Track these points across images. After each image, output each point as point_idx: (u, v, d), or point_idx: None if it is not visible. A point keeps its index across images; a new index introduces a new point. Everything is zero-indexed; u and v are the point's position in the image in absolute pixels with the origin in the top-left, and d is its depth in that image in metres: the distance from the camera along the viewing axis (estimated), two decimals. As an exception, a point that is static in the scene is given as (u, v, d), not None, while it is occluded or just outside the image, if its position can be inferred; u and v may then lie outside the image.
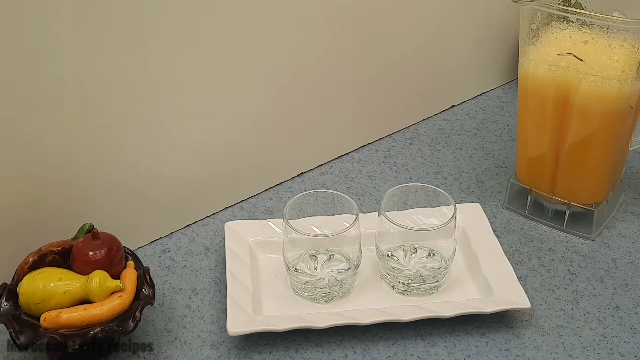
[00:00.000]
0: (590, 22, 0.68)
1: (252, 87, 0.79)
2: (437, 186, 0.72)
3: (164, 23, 0.68)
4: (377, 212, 0.71)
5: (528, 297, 0.68)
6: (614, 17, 0.67)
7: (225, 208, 0.84)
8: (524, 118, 0.77)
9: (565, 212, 0.78)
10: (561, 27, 0.70)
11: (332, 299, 0.70)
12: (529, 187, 0.80)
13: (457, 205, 0.70)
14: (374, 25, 0.86)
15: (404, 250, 0.72)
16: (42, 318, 0.60)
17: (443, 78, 1.00)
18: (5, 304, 0.61)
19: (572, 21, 0.70)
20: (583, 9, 0.72)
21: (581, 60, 0.69)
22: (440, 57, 0.98)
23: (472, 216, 0.78)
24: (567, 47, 0.70)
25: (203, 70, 0.74)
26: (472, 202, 0.81)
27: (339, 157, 0.92)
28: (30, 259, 0.64)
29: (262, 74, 0.79)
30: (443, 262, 0.70)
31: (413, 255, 0.71)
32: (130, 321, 0.61)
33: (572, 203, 0.77)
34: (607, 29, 0.68)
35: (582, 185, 0.77)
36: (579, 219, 0.78)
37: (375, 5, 0.85)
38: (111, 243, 0.65)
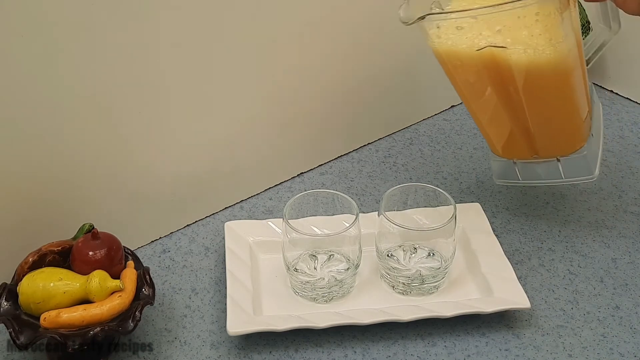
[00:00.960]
0: (490, 12, 0.62)
1: (252, 87, 0.79)
2: (437, 186, 0.72)
3: (165, 23, 0.68)
4: (377, 212, 0.71)
5: (528, 297, 0.68)
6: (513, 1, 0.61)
7: (225, 208, 0.84)
8: (470, 108, 0.74)
9: (558, 166, 0.75)
10: (468, 27, 0.65)
11: (332, 299, 0.70)
12: (511, 159, 0.77)
13: (457, 205, 0.70)
14: (375, 24, 0.86)
15: (404, 250, 0.72)
16: (42, 318, 0.60)
17: (443, 78, 1.00)
18: (5, 304, 0.61)
19: (475, 18, 0.63)
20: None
21: (503, 47, 0.64)
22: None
23: (472, 216, 0.78)
24: (483, 42, 0.64)
25: (203, 70, 0.74)
26: (472, 202, 0.81)
27: (339, 157, 0.92)
28: (30, 259, 0.64)
29: (262, 74, 0.79)
30: (443, 262, 0.70)
31: (413, 255, 0.71)
32: (130, 321, 0.61)
33: (560, 157, 0.75)
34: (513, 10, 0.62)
35: (561, 140, 0.74)
36: (574, 165, 0.74)
37: (378, 8, 0.85)
38: (111, 243, 0.65)
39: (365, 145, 0.94)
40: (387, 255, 0.71)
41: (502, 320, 0.69)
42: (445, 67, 0.69)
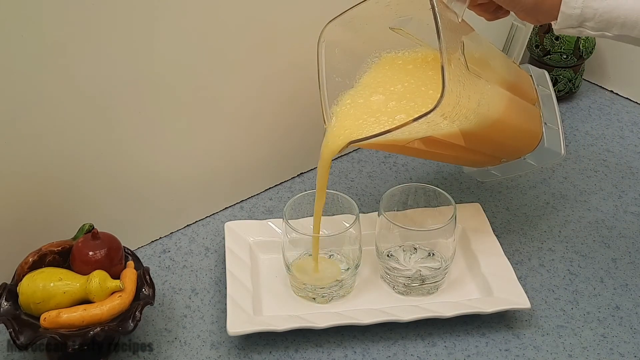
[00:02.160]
0: (401, 130, 0.61)
1: (253, 87, 0.79)
2: (437, 186, 0.72)
3: (165, 23, 0.68)
4: (377, 212, 0.71)
5: (528, 297, 0.68)
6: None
7: (225, 208, 0.84)
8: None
9: (526, 161, 0.76)
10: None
11: (332, 299, 0.70)
12: (484, 168, 0.80)
13: (457, 205, 0.70)
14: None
15: (404, 250, 0.72)
16: (42, 318, 0.60)
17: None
18: (5, 304, 0.61)
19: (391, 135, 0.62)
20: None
21: (430, 136, 0.64)
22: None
23: (472, 216, 0.77)
24: (412, 137, 0.65)
25: (203, 71, 0.74)
26: (472, 202, 0.81)
27: (339, 157, 0.92)
28: (30, 259, 0.64)
29: (262, 74, 0.79)
30: (443, 262, 0.70)
31: (413, 255, 0.71)
32: (130, 321, 0.61)
33: (525, 155, 0.76)
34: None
35: (520, 149, 0.75)
36: (541, 155, 0.75)
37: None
38: (111, 243, 0.65)
39: (365, 145, 0.94)
40: (387, 255, 0.71)
41: (502, 320, 0.69)
42: (385, 150, 0.70)
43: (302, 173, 0.89)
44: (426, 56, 0.70)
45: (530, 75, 0.77)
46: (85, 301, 0.62)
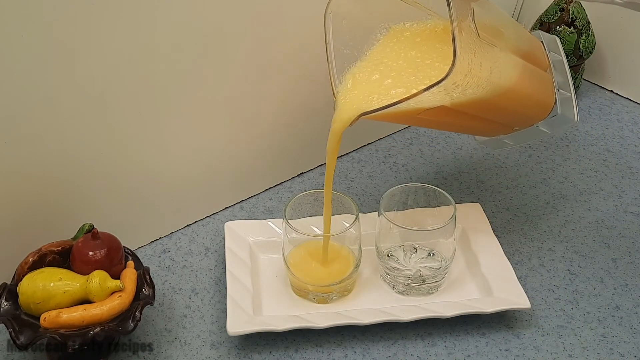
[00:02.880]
0: (414, 100, 0.60)
1: (253, 86, 0.79)
2: (437, 186, 0.72)
3: (165, 23, 0.68)
4: (377, 212, 0.71)
5: (528, 297, 0.68)
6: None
7: (225, 208, 0.84)
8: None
9: (539, 129, 0.75)
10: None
11: (332, 299, 0.70)
12: (496, 137, 0.78)
13: (457, 205, 0.70)
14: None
15: (404, 250, 0.72)
16: (42, 318, 0.60)
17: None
18: (5, 304, 0.61)
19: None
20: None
21: (441, 105, 0.63)
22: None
23: (472, 216, 0.78)
24: (421, 108, 0.63)
25: (203, 70, 0.74)
26: (472, 202, 0.81)
27: (339, 157, 0.92)
28: (30, 259, 0.64)
29: (262, 74, 0.79)
30: (443, 262, 0.70)
31: (413, 255, 0.71)
32: (130, 321, 0.61)
33: (538, 123, 0.75)
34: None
35: (533, 116, 0.74)
36: (555, 122, 0.74)
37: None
38: (111, 243, 0.65)
39: (365, 145, 0.94)
40: (387, 255, 0.71)
41: (502, 320, 0.69)
42: (395, 121, 0.69)
43: (302, 173, 0.89)
44: (435, 27, 0.69)
45: (542, 42, 0.76)
46: (85, 301, 0.62)
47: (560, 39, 0.76)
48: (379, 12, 0.69)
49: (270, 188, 0.87)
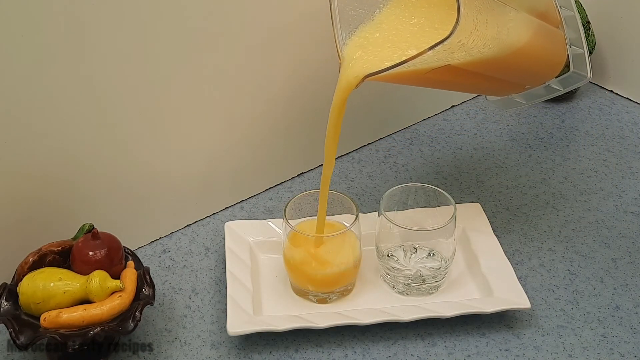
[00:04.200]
0: (420, 59, 0.59)
1: (252, 87, 0.79)
2: (437, 186, 0.72)
3: (165, 23, 0.68)
4: (377, 212, 0.71)
5: (528, 297, 0.68)
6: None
7: (225, 208, 0.84)
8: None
9: (551, 86, 0.74)
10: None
11: (332, 299, 0.70)
12: (508, 96, 0.77)
13: (457, 205, 0.70)
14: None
15: (404, 250, 0.72)
16: (42, 318, 0.60)
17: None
18: (5, 304, 0.61)
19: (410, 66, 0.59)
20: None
21: (447, 64, 0.61)
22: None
23: (472, 216, 0.77)
24: (427, 68, 0.62)
25: (203, 70, 0.74)
26: (472, 202, 0.81)
27: (339, 157, 0.92)
28: (30, 259, 0.64)
29: (262, 73, 0.79)
30: (443, 262, 0.70)
31: (413, 255, 0.71)
32: (130, 321, 0.61)
33: (550, 81, 0.74)
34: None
35: (545, 74, 0.73)
36: (567, 79, 0.74)
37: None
38: (111, 243, 0.65)
39: (365, 145, 0.94)
40: (387, 255, 0.71)
41: (502, 320, 0.69)
42: (401, 83, 0.68)
43: (302, 173, 0.89)
44: None
45: None
46: (85, 301, 0.62)
47: None
48: None
49: (270, 188, 0.87)
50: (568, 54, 0.72)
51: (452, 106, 1.03)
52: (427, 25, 0.65)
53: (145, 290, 0.64)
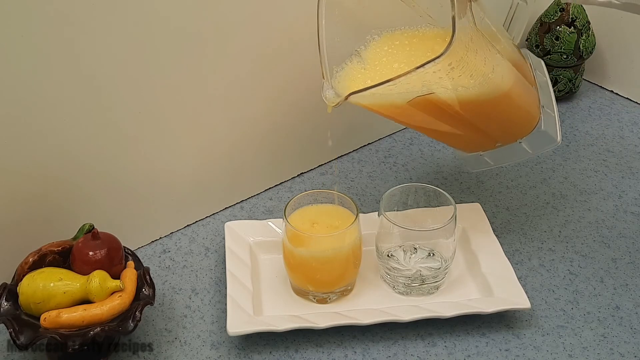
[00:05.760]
0: (406, 78, 0.59)
1: (252, 87, 0.79)
2: (437, 186, 0.72)
3: (165, 24, 0.68)
4: (377, 212, 0.71)
5: (528, 297, 0.68)
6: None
7: (225, 208, 0.84)
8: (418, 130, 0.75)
9: (522, 146, 0.74)
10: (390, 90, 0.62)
11: (332, 299, 0.70)
12: (477, 152, 0.78)
13: (457, 205, 0.70)
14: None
15: (404, 250, 0.72)
16: (42, 318, 0.60)
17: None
18: (5, 304, 0.61)
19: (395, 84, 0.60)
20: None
21: (431, 93, 0.62)
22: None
23: (472, 216, 0.78)
24: (411, 95, 0.63)
25: (203, 71, 0.74)
26: (472, 202, 0.81)
27: (339, 157, 0.92)
28: (30, 259, 0.64)
29: (262, 74, 0.79)
30: (443, 262, 0.70)
31: (413, 255, 0.71)
32: (130, 321, 0.61)
33: (521, 139, 0.74)
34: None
35: (517, 129, 0.73)
36: (537, 140, 0.74)
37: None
38: (111, 243, 0.65)
39: (365, 145, 0.95)
40: (387, 255, 0.71)
41: (502, 320, 0.69)
42: (382, 115, 0.70)
43: (302, 173, 0.89)
44: (425, 33, 0.69)
45: (529, 60, 0.76)
46: (86, 301, 0.62)
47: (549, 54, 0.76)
48: (372, 7, 0.70)
49: (270, 188, 0.87)
50: (541, 113, 0.73)
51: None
52: (416, 59, 0.66)
53: (145, 290, 0.64)
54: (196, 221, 0.81)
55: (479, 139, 0.75)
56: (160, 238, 0.79)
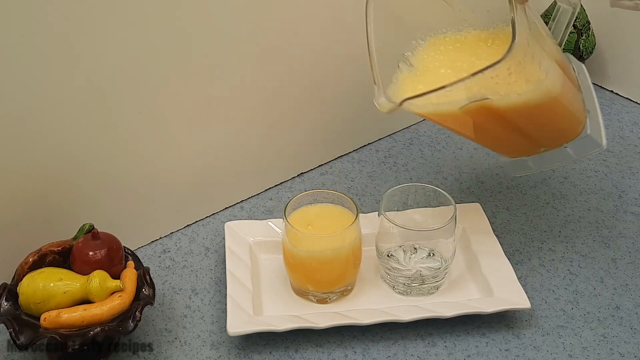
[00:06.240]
0: (463, 83, 0.60)
1: (252, 87, 0.79)
2: (437, 186, 0.72)
3: (165, 24, 0.68)
4: (377, 212, 0.71)
5: (528, 297, 0.68)
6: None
7: (225, 208, 0.84)
8: (466, 137, 0.76)
9: (567, 151, 0.74)
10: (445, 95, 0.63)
11: (332, 299, 0.70)
12: (521, 157, 0.78)
13: (457, 205, 0.70)
14: (375, 23, 0.86)
15: (404, 250, 0.72)
16: (42, 318, 0.60)
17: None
18: (5, 304, 0.61)
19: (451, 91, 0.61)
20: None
21: (486, 99, 0.63)
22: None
23: (472, 216, 0.77)
24: (464, 101, 0.63)
25: (203, 71, 0.74)
26: (472, 202, 0.81)
27: (339, 157, 0.92)
28: (30, 259, 0.64)
29: (261, 74, 0.79)
30: (443, 262, 0.70)
31: (413, 255, 0.71)
32: (130, 321, 0.61)
33: (566, 144, 0.74)
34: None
35: (563, 134, 0.73)
36: (582, 145, 0.74)
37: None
38: (111, 243, 0.65)
39: (365, 145, 0.95)
40: (387, 255, 0.71)
41: (502, 320, 0.69)
42: (432, 120, 0.70)
43: (302, 173, 0.89)
44: (467, 37, 0.70)
45: (571, 63, 0.76)
46: (86, 301, 0.62)
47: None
48: (415, 11, 0.70)
49: (270, 188, 0.87)
50: (586, 118, 0.73)
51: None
52: (462, 65, 0.67)
53: (145, 290, 0.64)
54: (196, 221, 0.81)
55: (525, 144, 0.75)
56: (160, 238, 0.79)
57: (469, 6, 0.68)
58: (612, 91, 1.05)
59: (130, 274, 0.64)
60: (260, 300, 0.69)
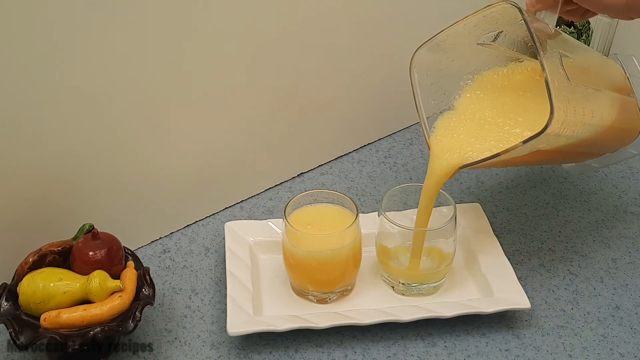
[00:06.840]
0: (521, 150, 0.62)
1: (252, 87, 0.79)
2: (437, 186, 0.72)
3: (165, 24, 0.68)
4: (377, 212, 0.71)
5: (528, 297, 0.68)
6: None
7: (225, 208, 0.84)
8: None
9: (626, 150, 0.76)
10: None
11: (332, 299, 0.70)
12: (584, 162, 0.79)
13: (457, 205, 0.70)
14: (375, 24, 0.86)
15: (404, 250, 0.71)
16: (42, 318, 0.60)
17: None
18: (5, 304, 0.61)
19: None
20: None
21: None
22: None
23: (472, 216, 0.78)
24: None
25: (203, 71, 0.74)
26: (472, 202, 0.81)
27: (339, 157, 0.92)
28: (30, 259, 0.64)
29: (262, 74, 0.79)
30: (443, 262, 0.70)
31: (413, 255, 0.71)
32: (130, 321, 0.61)
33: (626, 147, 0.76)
34: None
35: (623, 142, 0.75)
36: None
37: (378, 5, 0.85)
38: (111, 243, 0.65)
39: (365, 145, 0.95)
40: (387, 255, 0.71)
41: (502, 320, 0.69)
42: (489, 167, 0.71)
43: (302, 173, 0.89)
44: (514, 71, 0.70)
45: (620, 64, 0.76)
46: (86, 301, 0.62)
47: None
48: (461, 58, 0.70)
49: (270, 188, 0.87)
50: None
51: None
52: (511, 108, 0.68)
53: (145, 290, 0.64)
54: (196, 221, 0.81)
55: (585, 157, 0.76)
56: (160, 238, 0.79)
57: (509, 45, 0.68)
58: (612, 91, 1.05)
59: (130, 274, 0.64)
60: (260, 300, 0.69)
